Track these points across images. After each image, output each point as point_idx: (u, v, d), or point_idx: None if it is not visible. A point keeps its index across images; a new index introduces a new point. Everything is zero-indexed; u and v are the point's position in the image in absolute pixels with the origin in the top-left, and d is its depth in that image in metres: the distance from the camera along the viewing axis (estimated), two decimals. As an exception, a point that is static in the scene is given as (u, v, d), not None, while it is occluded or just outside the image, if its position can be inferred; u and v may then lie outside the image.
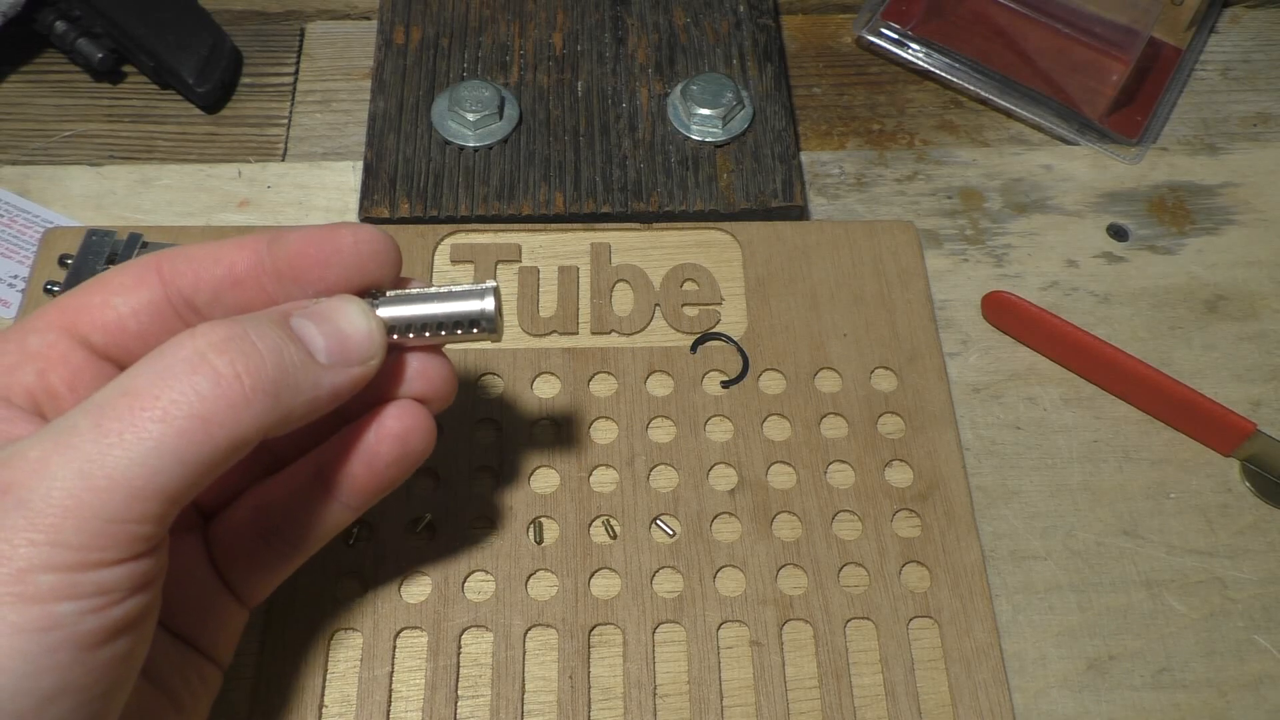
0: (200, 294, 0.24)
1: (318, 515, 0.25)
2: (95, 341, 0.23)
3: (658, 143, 0.40)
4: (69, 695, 0.19)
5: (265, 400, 0.21)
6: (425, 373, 0.25)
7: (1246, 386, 0.37)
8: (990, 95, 0.43)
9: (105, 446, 0.19)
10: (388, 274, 0.25)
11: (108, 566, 0.19)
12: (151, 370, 0.20)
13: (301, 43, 0.44)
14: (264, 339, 0.21)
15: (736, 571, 0.31)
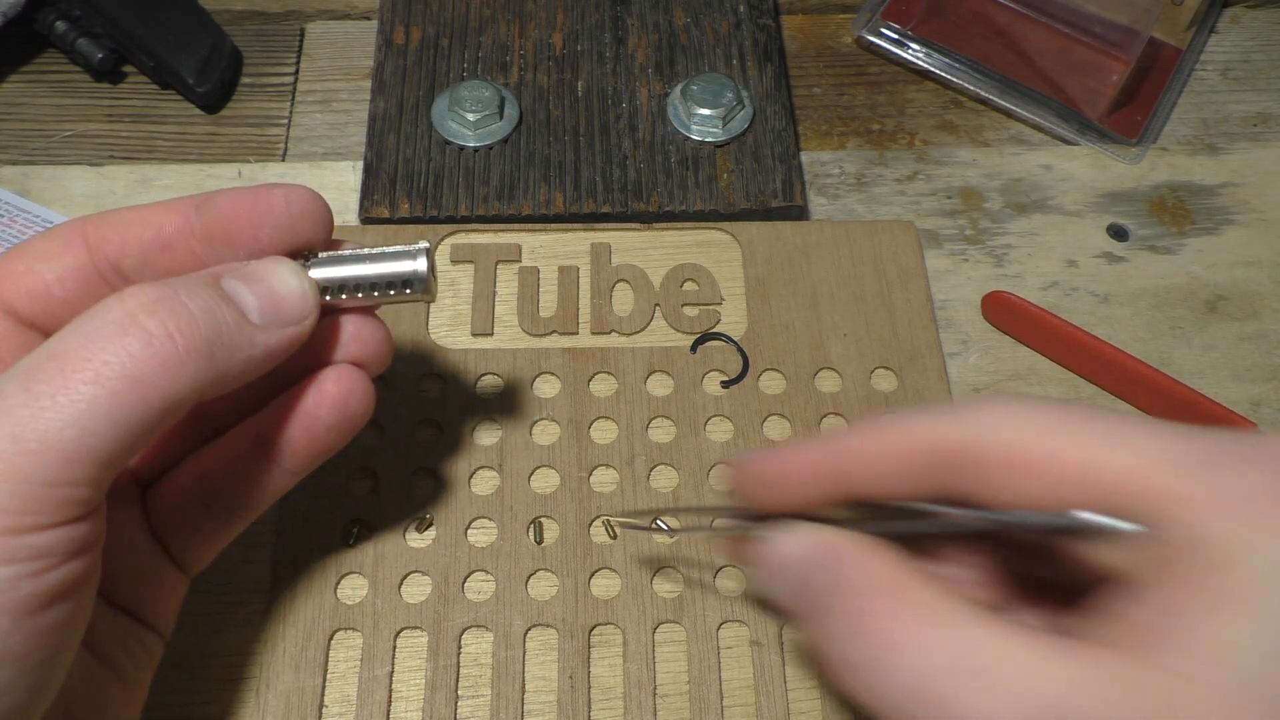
0: (127, 259, 0.23)
1: (259, 480, 0.25)
2: (20, 309, 0.23)
3: (658, 143, 0.40)
4: (9, 663, 0.19)
5: (199, 360, 0.21)
6: (360, 336, 0.25)
7: (1246, 386, 0.37)
8: (990, 95, 0.43)
9: (36, 410, 0.19)
10: (320, 234, 0.25)
11: (42, 530, 0.19)
12: (80, 333, 0.20)
13: (301, 43, 0.44)
14: (195, 299, 0.21)
15: (737, 571, 0.31)
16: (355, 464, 0.33)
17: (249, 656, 0.30)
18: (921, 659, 0.19)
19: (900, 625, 0.20)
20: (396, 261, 0.25)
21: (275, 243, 0.24)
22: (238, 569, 0.31)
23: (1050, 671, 0.18)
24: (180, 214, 0.24)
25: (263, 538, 0.31)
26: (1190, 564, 0.18)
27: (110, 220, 0.24)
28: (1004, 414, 0.21)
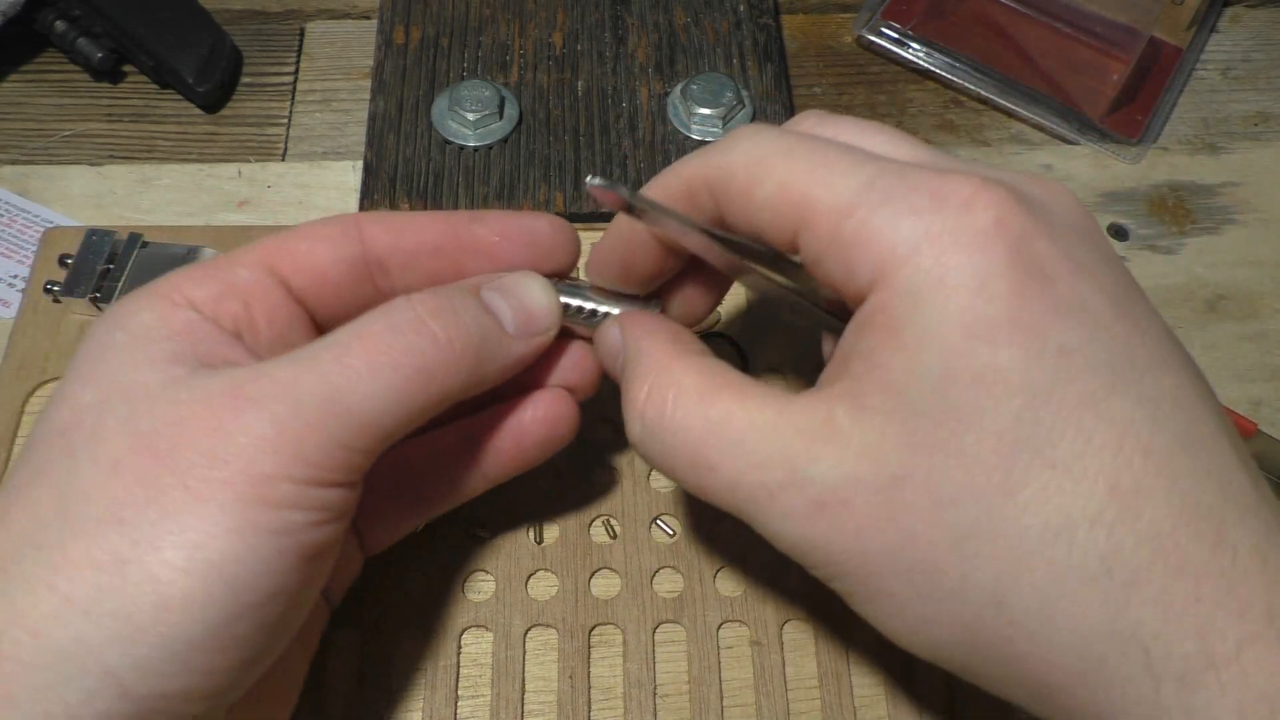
0: (395, 258, 0.26)
1: (457, 478, 0.27)
2: (294, 284, 0.24)
3: (658, 142, 0.40)
4: (281, 599, 0.21)
5: (470, 363, 0.23)
6: (579, 364, 0.28)
7: (1246, 386, 0.37)
8: (990, 95, 0.43)
9: (349, 379, 0.21)
10: (568, 264, 0.28)
11: (331, 487, 0.21)
12: (381, 323, 0.22)
13: (301, 42, 0.44)
14: (467, 310, 0.24)
15: (736, 571, 0.31)
16: (355, 464, 0.33)
17: (249, 656, 0.30)
18: (693, 434, 0.22)
19: (673, 405, 0.23)
20: (631, 304, 0.27)
21: (530, 265, 0.27)
22: (238, 569, 0.31)
23: (781, 430, 0.21)
24: (448, 225, 0.26)
25: (263, 538, 0.31)
26: (873, 306, 0.20)
27: (384, 221, 0.26)
28: (747, 144, 0.23)
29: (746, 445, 0.21)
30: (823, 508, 0.21)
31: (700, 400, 0.22)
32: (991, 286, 0.19)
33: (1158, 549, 0.19)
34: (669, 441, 0.23)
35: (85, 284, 0.34)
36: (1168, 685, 0.19)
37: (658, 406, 0.23)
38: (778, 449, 0.21)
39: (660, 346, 0.24)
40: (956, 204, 0.20)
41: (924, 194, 0.20)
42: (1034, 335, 0.19)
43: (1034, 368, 0.19)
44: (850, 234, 0.21)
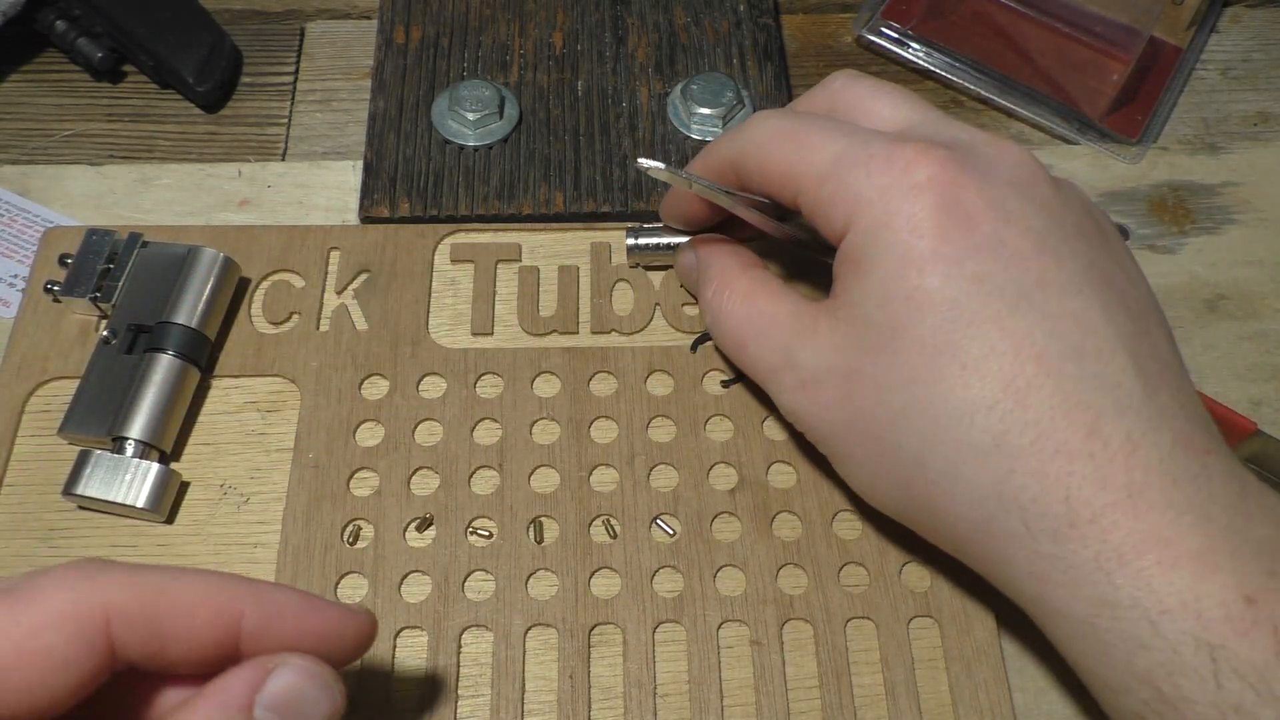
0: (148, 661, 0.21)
1: None
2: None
3: (658, 142, 0.40)
4: None
5: None
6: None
7: (1246, 386, 0.37)
8: (990, 95, 0.43)
9: None
10: (350, 658, 0.24)
11: None
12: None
13: (301, 42, 0.44)
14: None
15: (736, 571, 0.31)
16: (355, 463, 0.33)
17: (249, 656, 0.30)
18: (735, 321, 0.31)
19: (728, 300, 0.31)
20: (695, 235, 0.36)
21: (317, 653, 0.22)
22: (238, 569, 0.31)
23: (787, 325, 0.29)
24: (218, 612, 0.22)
25: (263, 537, 0.32)
26: (845, 244, 0.27)
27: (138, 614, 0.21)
28: (758, 128, 0.29)
29: (766, 333, 0.29)
30: (804, 386, 0.28)
31: (745, 298, 0.30)
32: (920, 226, 0.25)
33: (1039, 433, 0.24)
34: (725, 325, 0.31)
35: (85, 284, 0.34)
36: (1042, 539, 0.24)
37: (719, 300, 0.31)
38: (781, 339, 0.29)
39: (724, 258, 0.32)
40: (900, 165, 0.26)
41: (880, 159, 0.26)
42: (952, 264, 0.25)
43: (950, 289, 0.25)
44: (828, 195, 0.27)
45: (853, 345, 0.27)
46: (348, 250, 0.37)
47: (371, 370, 0.34)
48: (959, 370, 0.25)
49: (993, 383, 0.24)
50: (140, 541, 0.31)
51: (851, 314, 0.27)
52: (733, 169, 0.30)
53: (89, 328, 0.35)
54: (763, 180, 0.29)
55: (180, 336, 0.33)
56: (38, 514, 0.32)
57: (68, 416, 0.32)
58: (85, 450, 0.31)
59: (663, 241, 0.36)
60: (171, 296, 0.33)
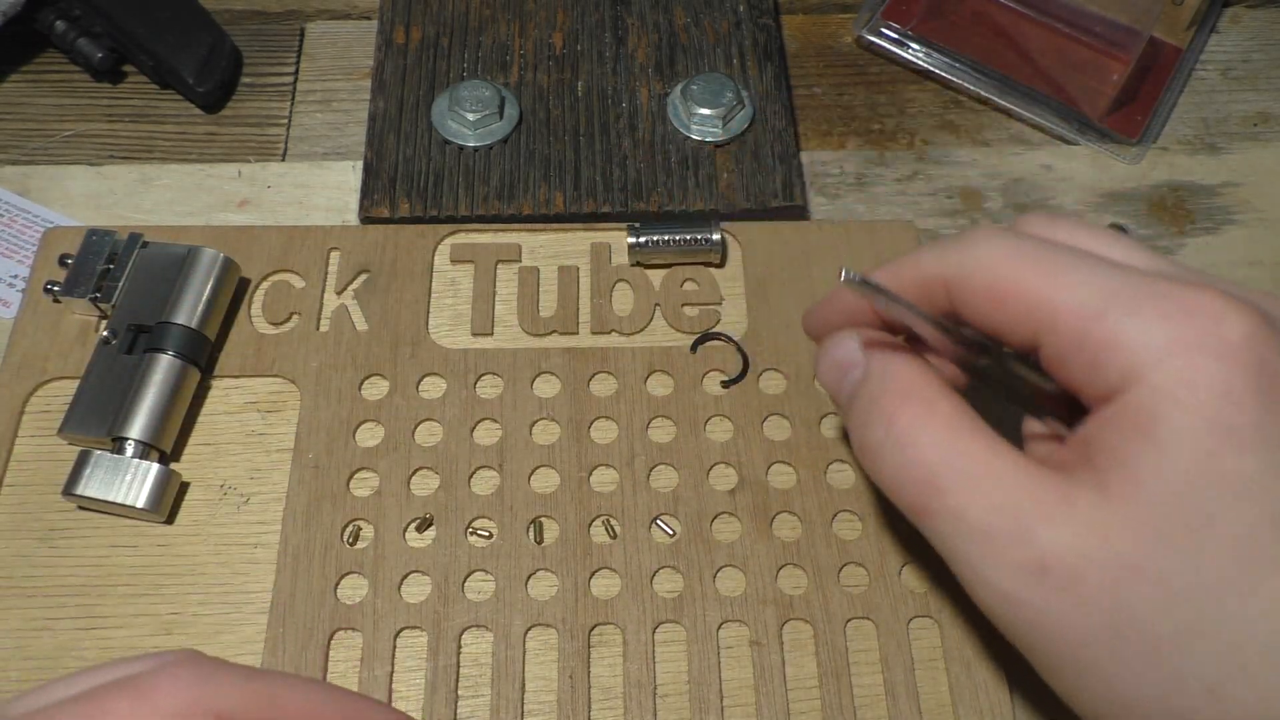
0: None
1: None
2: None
3: (658, 143, 0.40)
4: None
5: None
6: None
7: (1247, 386, 0.36)
8: (990, 95, 0.43)
9: None
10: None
11: None
12: None
13: (301, 42, 0.44)
14: None
15: (736, 571, 0.31)
16: (355, 464, 0.33)
17: (249, 657, 0.30)
18: (931, 455, 0.23)
19: (921, 425, 0.23)
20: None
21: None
22: (238, 570, 0.31)
23: (1020, 485, 0.22)
24: (338, 716, 0.23)
25: (263, 537, 0.32)
26: (1123, 404, 0.21)
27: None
28: (986, 247, 0.24)
29: (984, 485, 0.22)
30: (1045, 571, 0.21)
31: (949, 428, 0.23)
32: (1240, 397, 0.20)
33: None
34: (909, 455, 0.23)
35: (85, 284, 0.34)
36: None
37: (909, 419, 0.24)
38: (1013, 501, 0.22)
39: (914, 369, 0.25)
40: (1208, 316, 0.21)
41: (1174, 303, 0.21)
42: (1276, 446, 0.20)
43: (1273, 477, 0.20)
44: (1099, 337, 0.21)
45: (1134, 534, 0.21)
46: (348, 250, 0.37)
47: (371, 370, 0.34)
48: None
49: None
50: (140, 542, 0.31)
51: (1136, 492, 0.21)
52: (944, 290, 0.24)
53: (89, 328, 0.35)
54: (991, 309, 0.23)
55: (180, 337, 0.33)
56: (38, 514, 0.32)
57: (68, 417, 0.32)
58: (85, 450, 0.31)
59: (665, 239, 0.36)
60: (171, 297, 0.33)
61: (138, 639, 0.30)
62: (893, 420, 0.24)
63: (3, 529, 0.31)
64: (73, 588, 0.31)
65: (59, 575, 0.31)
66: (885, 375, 0.25)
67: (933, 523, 0.23)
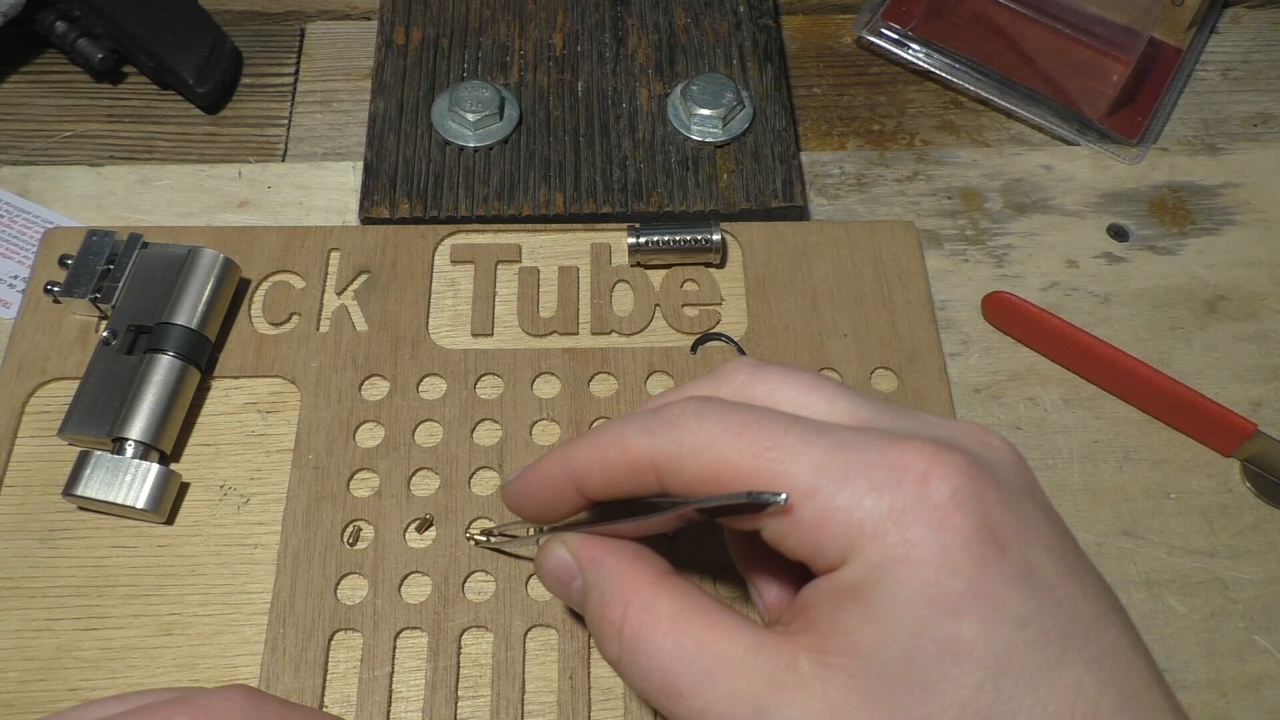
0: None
1: None
2: None
3: (658, 143, 0.40)
4: None
5: None
6: None
7: (1246, 386, 0.37)
8: (990, 95, 0.43)
9: None
10: None
11: None
12: None
13: (301, 43, 0.44)
14: None
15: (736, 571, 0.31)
16: (355, 464, 0.33)
17: (249, 657, 0.30)
18: (664, 660, 0.22)
19: (648, 632, 0.23)
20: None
21: None
22: (238, 570, 0.31)
23: (748, 669, 0.22)
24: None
25: (263, 538, 0.31)
26: (842, 577, 0.21)
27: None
28: (696, 425, 0.23)
29: (715, 678, 0.22)
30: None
31: (673, 626, 0.23)
32: (953, 560, 0.20)
33: None
34: (643, 664, 0.23)
35: (85, 284, 0.34)
36: None
37: (633, 629, 0.23)
38: (746, 687, 0.21)
39: (629, 568, 0.24)
40: (914, 479, 0.21)
41: (881, 469, 0.21)
42: (993, 607, 0.20)
43: (994, 639, 0.20)
44: (813, 516, 0.21)
45: (858, 707, 0.21)
46: (348, 251, 0.37)
47: (371, 371, 0.34)
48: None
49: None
50: (140, 543, 0.31)
51: (860, 665, 0.21)
52: (654, 473, 0.23)
53: (89, 328, 0.35)
54: (706, 490, 0.22)
55: (180, 337, 0.33)
56: (38, 515, 0.32)
57: (68, 417, 0.32)
58: (85, 451, 0.31)
59: (665, 239, 0.36)
60: (171, 297, 0.33)
61: (138, 639, 0.30)
62: (620, 632, 0.23)
63: (3, 529, 0.31)
64: (73, 588, 0.31)
65: (59, 576, 0.31)
66: (599, 584, 0.24)
67: (681, 702, 0.22)
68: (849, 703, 0.21)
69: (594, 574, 0.25)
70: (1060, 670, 0.20)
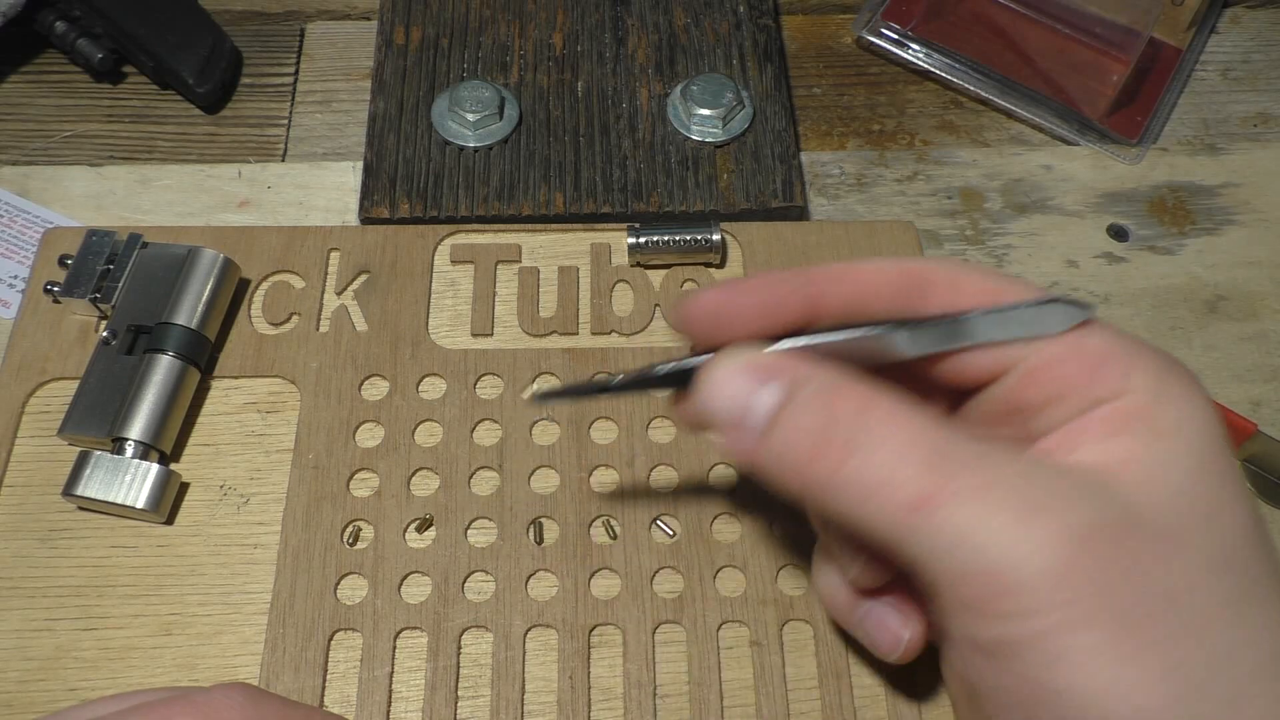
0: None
1: None
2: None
3: (658, 143, 0.40)
4: None
5: None
6: None
7: (1246, 386, 0.37)
8: (990, 95, 0.43)
9: None
10: None
11: None
12: None
13: (301, 43, 0.44)
14: None
15: (736, 572, 0.31)
16: (355, 464, 0.33)
17: (249, 657, 0.30)
18: (924, 444, 0.20)
19: (896, 420, 0.21)
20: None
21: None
22: (237, 570, 0.31)
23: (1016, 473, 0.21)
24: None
25: (263, 538, 0.32)
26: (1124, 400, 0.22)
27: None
28: (952, 262, 0.24)
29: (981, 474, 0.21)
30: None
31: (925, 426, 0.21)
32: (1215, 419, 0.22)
33: None
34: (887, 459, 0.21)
35: (85, 284, 0.34)
36: None
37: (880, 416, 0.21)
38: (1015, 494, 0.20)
39: (846, 375, 0.22)
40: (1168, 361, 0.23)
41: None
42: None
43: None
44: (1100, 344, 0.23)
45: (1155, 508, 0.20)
46: (348, 251, 0.37)
47: (371, 371, 0.34)
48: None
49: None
50: (140, 543, 0.31)
51: (1146, 476, 0.21)
52: (922, 288, 0.23)
53: (89, 328, 0.35)
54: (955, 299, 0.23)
55: (180, 337, 0.33)
56: (38, 515, 0.32)
57: (67, 417, 0.32)
58: (85, 451, 0.31)
59: (664, 239, 0.36)
60: (171, 297, 0.33)
61: (138, 639, 0.30)
62: (862, 418, 0.21)
63: (3, 529, 0.31)
64: (73, 588, 0.31)
65: (59, 576, 0.31)
66: (813, 383, 0.22)
67: (936, 515, 0.20)
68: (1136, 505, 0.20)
69: (806, 372, 0.22)
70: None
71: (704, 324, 0.23)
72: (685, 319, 0.24)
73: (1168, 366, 0.22)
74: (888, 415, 0.21)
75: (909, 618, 0.26)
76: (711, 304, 0.23)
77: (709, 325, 0.23)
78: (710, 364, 0.23)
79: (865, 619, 0.26)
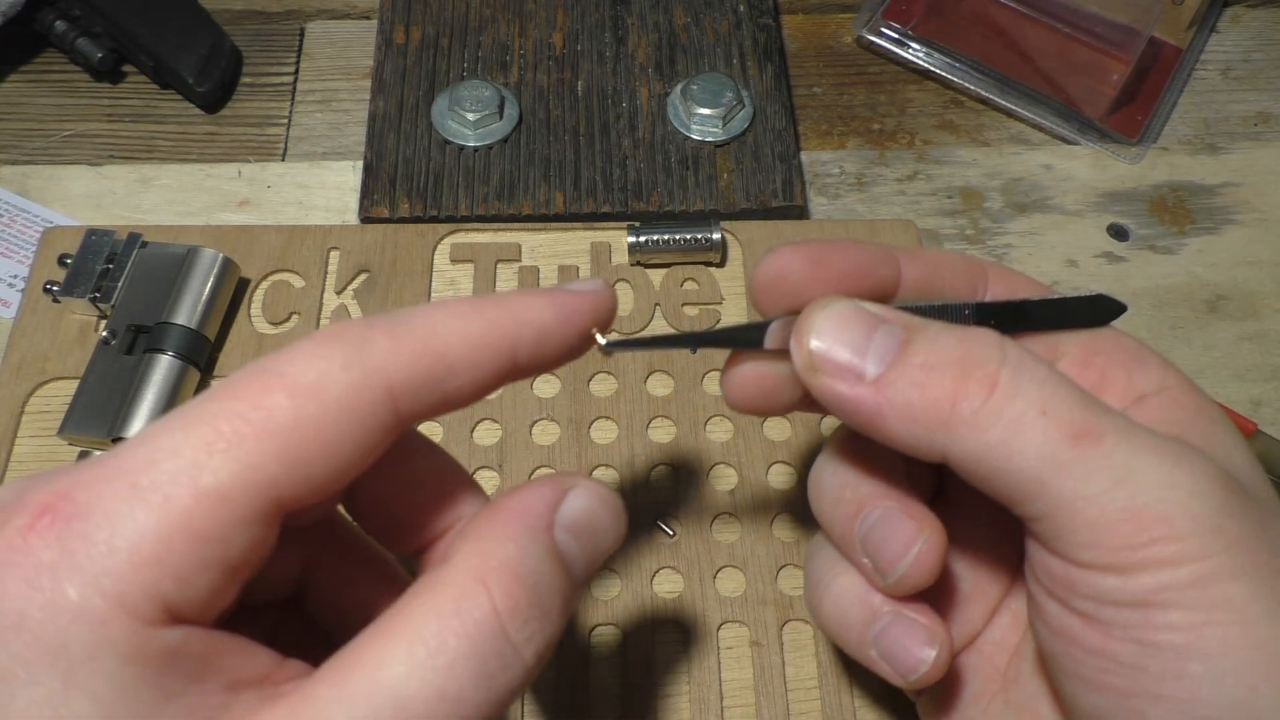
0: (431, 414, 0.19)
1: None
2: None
3: (658, 142, 0.40)
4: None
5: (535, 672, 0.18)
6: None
7: (1246, 386, 0.37)
8: (990, 95, 0.43)
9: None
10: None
11: None
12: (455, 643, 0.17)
13: (301, 43, 0.44)
14: (553, 604, 0.18)
15: (736, 571, 0.31)
16: (355, 464, 0.32)
17: (249, 656, 0.30)
18: (1072, 391, 0.20)
19: (1033, 362, 0.20)
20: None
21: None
22: (238, 569, 0.31)
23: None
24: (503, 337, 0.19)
25: (263, 538, 0.31)
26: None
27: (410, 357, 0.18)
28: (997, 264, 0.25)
29: (1123, 422, 0.20)
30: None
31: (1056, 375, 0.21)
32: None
33: None
34: (1039, 394, 0.19)
35: (85, 284, 0.34)
36: None
37: (1017, 358, 0.20)
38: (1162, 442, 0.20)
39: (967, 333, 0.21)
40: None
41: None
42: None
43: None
44: (1135, 345, 0.25)
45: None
46: (347, 250, 0.37)
47: (371, 370, 0.34)
48: None
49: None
50: (140, 542, 0.31)
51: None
52: (980, 271, 0.24)
53: (89, 328, 0.35)
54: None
55: (180, 337, 0.33)
56: (37, 514, 0.32)
57: (67, 417, 0.32)
58: (85, 451, 0.31)
59: (665, 238, 0.36)
60: (171, 297, 0.33)
61: (138, 639, 0.30)
62: (1003, 350, 0.20)
63: (2, 529, 0.31)
64: (73, 588, 0.31)
65: (59, 575, 0.31)
66: (942, 326, 0.21)
67: (1100, 446, 0.19)
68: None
69: (920, 322, 0.21)
70: None
71: (800, 276, 0.23)
72: (771, 275, 0.23)
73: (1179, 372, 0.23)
74: (1022, 351, 0.20)
75: (935, 632, 0.23)
76: (802, 258, 0.23)
77: (804, 278, 0.23)
78: (818, 305, 0.22)
79: (883, 635, 0.23)
